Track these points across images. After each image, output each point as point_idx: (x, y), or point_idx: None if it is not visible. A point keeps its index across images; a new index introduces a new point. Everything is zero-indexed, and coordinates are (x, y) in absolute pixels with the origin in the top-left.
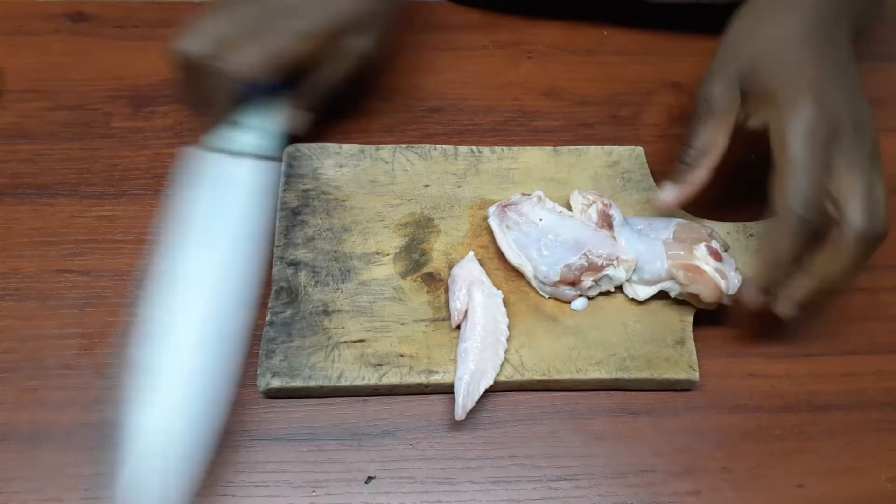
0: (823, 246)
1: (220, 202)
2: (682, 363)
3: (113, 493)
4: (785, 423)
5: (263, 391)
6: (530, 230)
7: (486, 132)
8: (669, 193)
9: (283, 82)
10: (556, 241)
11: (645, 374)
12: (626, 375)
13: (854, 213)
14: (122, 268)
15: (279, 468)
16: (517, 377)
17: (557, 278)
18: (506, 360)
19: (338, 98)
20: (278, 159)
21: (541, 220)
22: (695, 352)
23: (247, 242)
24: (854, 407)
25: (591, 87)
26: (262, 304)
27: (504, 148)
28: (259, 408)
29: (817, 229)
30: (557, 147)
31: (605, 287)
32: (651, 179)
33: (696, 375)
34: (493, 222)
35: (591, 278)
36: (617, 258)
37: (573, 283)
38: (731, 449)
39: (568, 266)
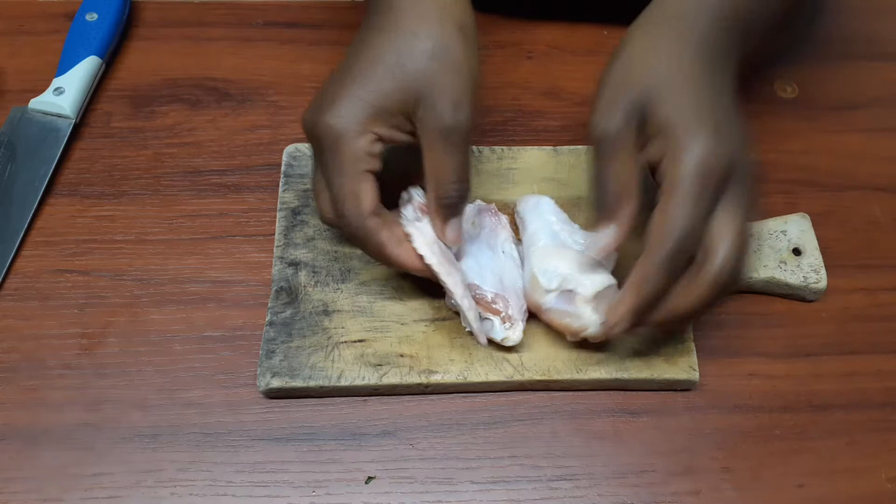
0: (678, 281)
1: None
2: (682, 363)
3: None
4: (785, 423)
5: (263, 391)
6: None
7: (486, 132)
8: (606, 237)
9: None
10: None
11: (645, 374)
12: (626, 375)
13: (719, 260)
14: (122, 268)
15: (279, 468)
16: (517, 377)
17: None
18: (506, 360)
19: None
20: None
21: (503, 252)
22: (695, 352)
23: None
24: (854, 407)
25: (591, 87)
26: (262, 304)
27: (504, 148)
28: (259, 408)
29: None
30: (557, 147)
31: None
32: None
33: (696, 375)
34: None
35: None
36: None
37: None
38: (731, 449)
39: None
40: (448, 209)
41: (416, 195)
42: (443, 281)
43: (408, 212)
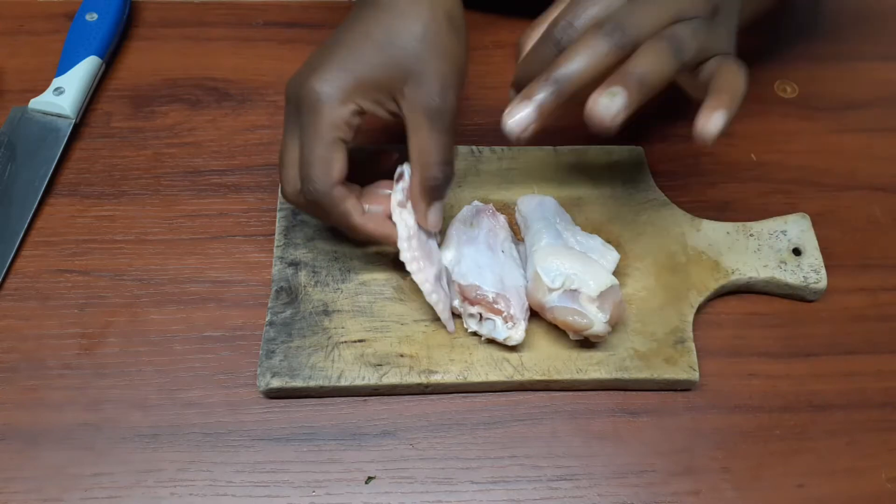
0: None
1: None
2: (682, 363)
3: None
4: (785, 423)
5: (263, 391)
6: (483, 248)
7: (487, 132)
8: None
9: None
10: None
11: (645, 374)
12: (626, 375)
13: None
14: (122, 268)
15: (279, 468)
16: (517, 377)
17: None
18: (506, 360)
19: None
20: None
21: (503, 251)
22: (695, 352)
23: None
24: (854, 407)
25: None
26: (262, 304)
27: (504, 148)
28: (259, 408)
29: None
30: (557, 147)
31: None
32: (651, 179)
33: (696, 375)
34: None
35: (478, 310)
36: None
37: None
38: (731, 449)
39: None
40: (432, 191)
41: (409, 173)
42: (414, 277)
43: (398, 190)
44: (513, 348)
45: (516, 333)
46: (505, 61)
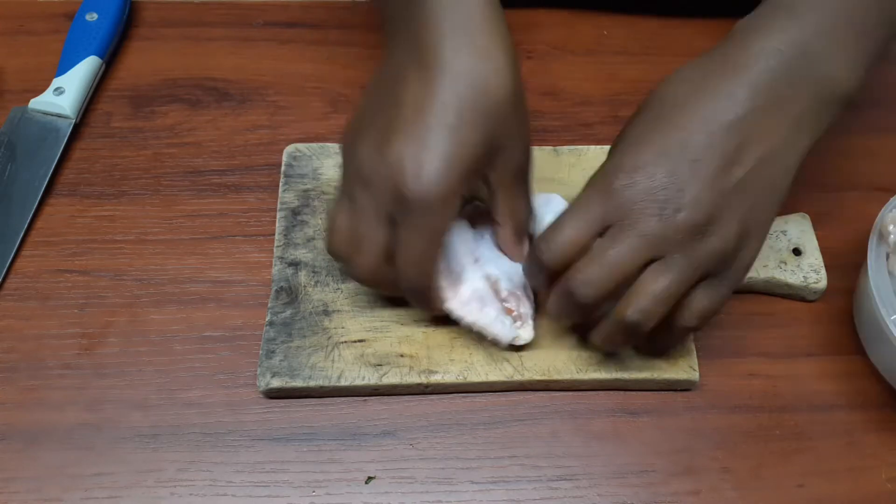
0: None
1: None
2: (682, 363)
3: None
4: (785, 423)
5: (263, 391)
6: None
7: None
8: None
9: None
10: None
11: (645, 374)
12: (626, 375)
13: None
14: (122, 268)
15: (279, 468)
16: (517, 377)
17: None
18: (506, 360)
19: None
20: None
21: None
22: (695, 352)
23: None
24: (854, 407)
25: (591, 87)
26: (262, 304)
27: None
28: (259, 408)
29: None
30: (557, 147)
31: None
32: None
33: (696, 375)
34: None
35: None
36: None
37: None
38: (731, 449)
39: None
40: (525, 235)
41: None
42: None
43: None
44: (513, 348)
45: (525, 333)
46: None
